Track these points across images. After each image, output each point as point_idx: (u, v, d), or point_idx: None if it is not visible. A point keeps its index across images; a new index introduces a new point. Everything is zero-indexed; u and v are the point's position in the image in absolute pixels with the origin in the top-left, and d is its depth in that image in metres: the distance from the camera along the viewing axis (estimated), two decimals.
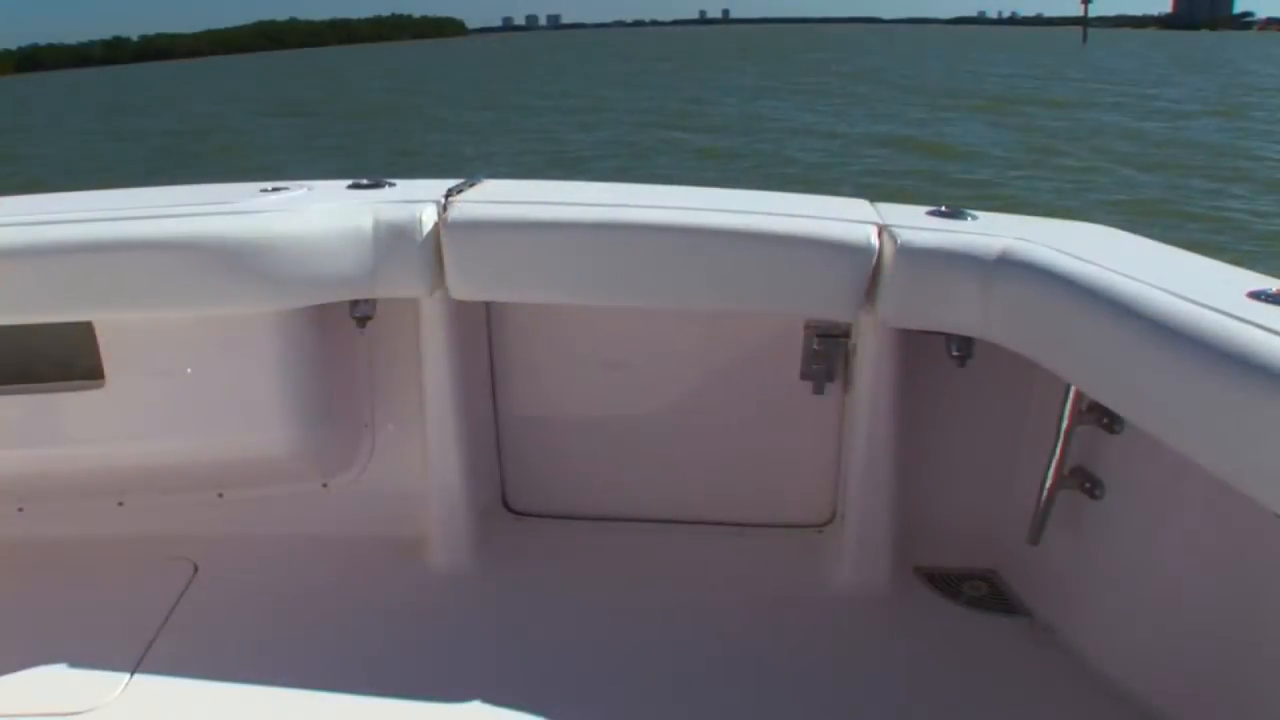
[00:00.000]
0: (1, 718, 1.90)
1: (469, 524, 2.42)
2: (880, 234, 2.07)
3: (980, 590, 2.28)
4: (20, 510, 2.54)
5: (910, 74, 47.52)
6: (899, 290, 2.04)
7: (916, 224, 2.11)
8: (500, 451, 2.60)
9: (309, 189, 2.42)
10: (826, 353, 2.37)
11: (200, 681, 1.99)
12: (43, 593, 2.35)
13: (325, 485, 2.54)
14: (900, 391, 2.25)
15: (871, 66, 50.50)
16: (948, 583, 2.30)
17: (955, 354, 2.13)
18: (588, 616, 2.21)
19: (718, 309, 2.33)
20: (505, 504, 2.61)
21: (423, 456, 2.41)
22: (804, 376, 2.42)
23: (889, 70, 51.13)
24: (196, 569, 2.38)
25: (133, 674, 2.02)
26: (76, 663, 2.05)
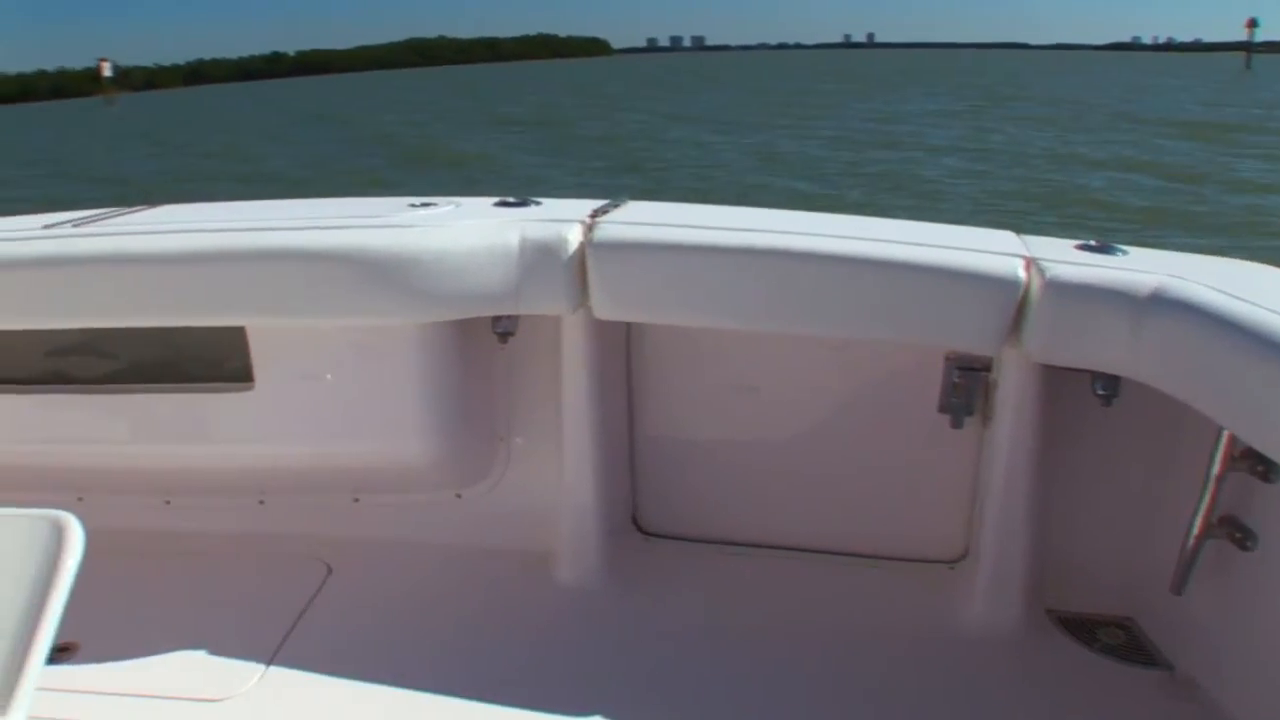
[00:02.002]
0: (146, 698, 2.00)
1: (599, 541, 2.44)
2: (1028, 267, 2.03)
3: (1117, 638, 2.20)
4: (167, 503, 2.68)
5: (1104, 100, 45.32)
6: (1045, 325, 2.00)
7: (1065, 258, 2.06)
8: (633, 471, 2.61)
9: (456, 205, 2.49)
10: (967, 386, 2.33)
11: (330, 678, 2.06)
12: (187, 582, 2.46)
13: (459, 496, 2.59)
14: (1041, 428, 2.20)
15: (1070, 97, 47.92)
16: (1082, 628, 2.23)
17: (1100, 392, 2.08)
18: (713, 641, 2.20)
19: (858, 337, 2.32)
20: (635, 523, 2.62)
21: (557, 472, 2.45)
22: (942, 409, 2.37)
23: (1086, 96, 48.62)
24: (330, 569, 2.47)
25: (268, 666, 2.10)
26: (216, 651, 2.15)
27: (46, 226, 2.60)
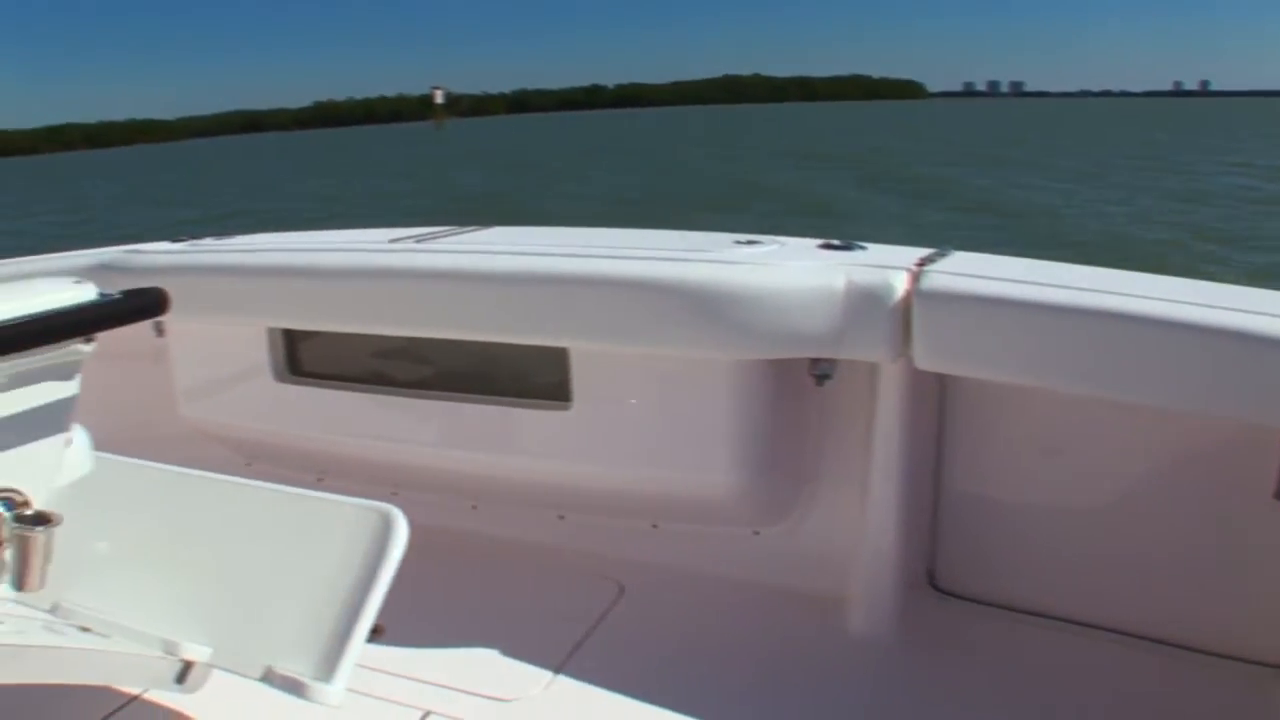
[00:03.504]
0: (442, 688, 2.11)
1: (895, 594, 2.37)
2: None
3: None
4: (474, 507, 2.82)
5: None
6: None
7: None
8: (935, 526, 2.53)
9: (781, 245, 2.49)
10: None
11: (613, 695, 2.09)
12: (485, 584, 2.57)
13: (756, 533, 2.58)
14: None
15: None
16: None
17: None
18: (1002, 713, 2.10)
19: (1186, 408, 2.16)
20: (931, 580, 2.54)
21: (858, 519, 2.40)
22: (1277, 495, 2.17)
23: None
24: (622, 590, 2.50)
25: (556, 674, 2.16)
26: (509, 653, 2.24)
27: (391, 241, 2.81)
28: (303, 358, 2.95)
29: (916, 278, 2.18)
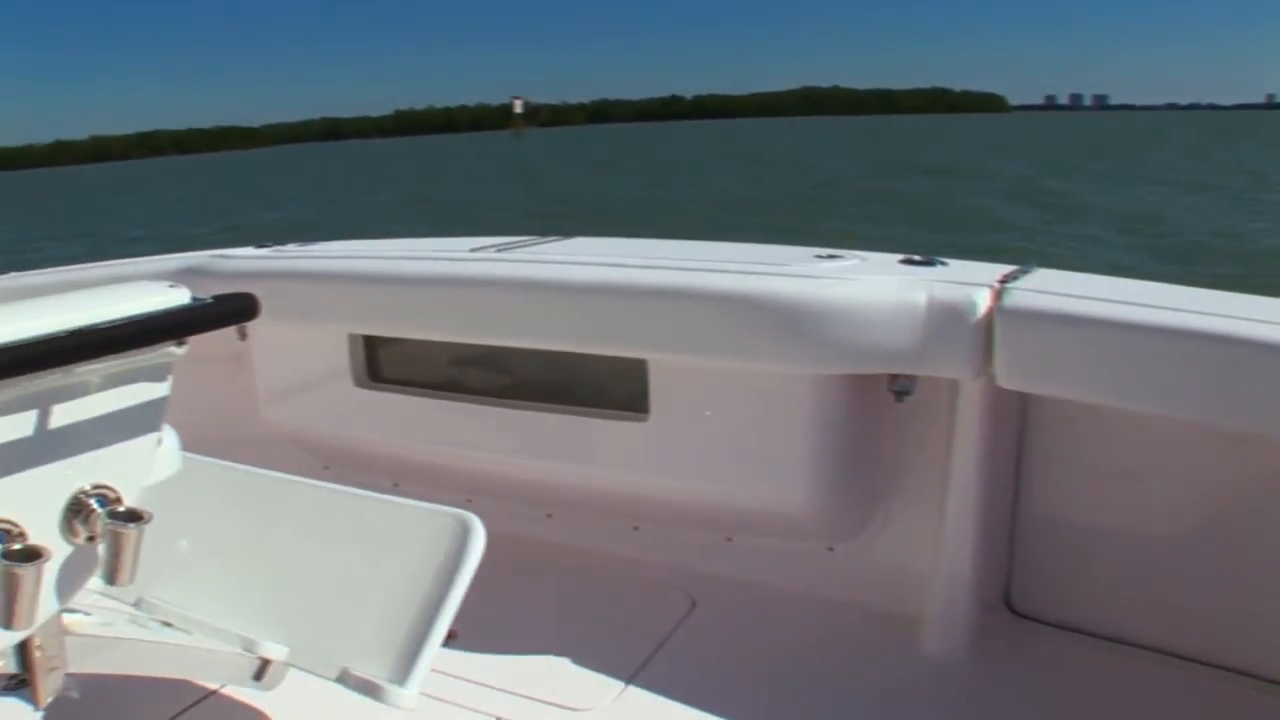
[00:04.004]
0: (514, 696, 2.12)
1: (970, 615, 2.33)
2: None
3: None
4: (549, 516, 2.83)
5: None
6: None
7: None
8: (1012, 547, 2.49)
9: (862, 259, 2.48)
10: None
11: (684, 707, 2.09)
12: (558, 593, 2.58)
13: (831, 549, 2.56)
14: None
15: None
16: None
17: None
18: None
19: (1271, 432, 2.10)
20: (1008, 602, 2.49)
21: (935, 538, 2.37)
22: None
23: None
24: (695, 603, 2.50)
25: (627, 684, 2.16)
26: (580, 662, 2.24)
27: (473, 250, 2.84)
28: (382, 364, 3.00)
29: (999, 294, 2.15)
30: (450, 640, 1.72)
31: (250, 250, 3.16)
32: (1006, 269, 2.36)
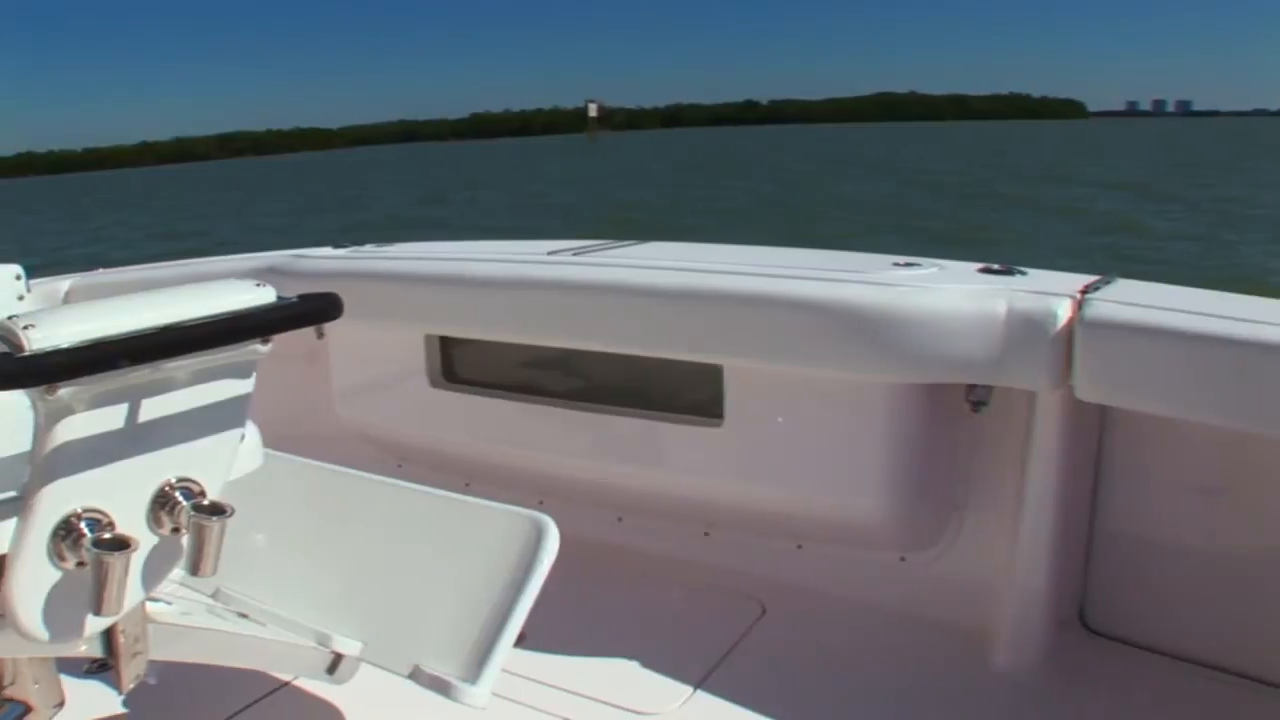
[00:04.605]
0: (583, 698, 2.14)
1: (1044, 632, 2.30)
2: None
3: None
4: (619, 520, 2.84)
5: None
6: None
7: None
8: (1088, 563, 2.45)
9: (940, 268, 2.46)
10: None
11: (750, 714, 2.09)
12: (628, 597, 2.59)
13: (903, 559, 2.54)
14: None
15: None
16: None
17: None
18: None
19: None
20: (1082, 619, 2.45)
21: (1008, 551, 2.34)
22: None
23: None
24: (764, 610, 2.50)
25: (695, 690, 2.17)
26: (649, 666, 2.26)
27: (550, 253, 2.86)
28: (457, 365, 3.03)
29: (1080, 305, 2.12)
30: (520, 641, 1.73)
31: (328, 250, 3.22)
32: (1088, 279, 2.33)
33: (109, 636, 1.57)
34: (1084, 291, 2.20)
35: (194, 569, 1.42)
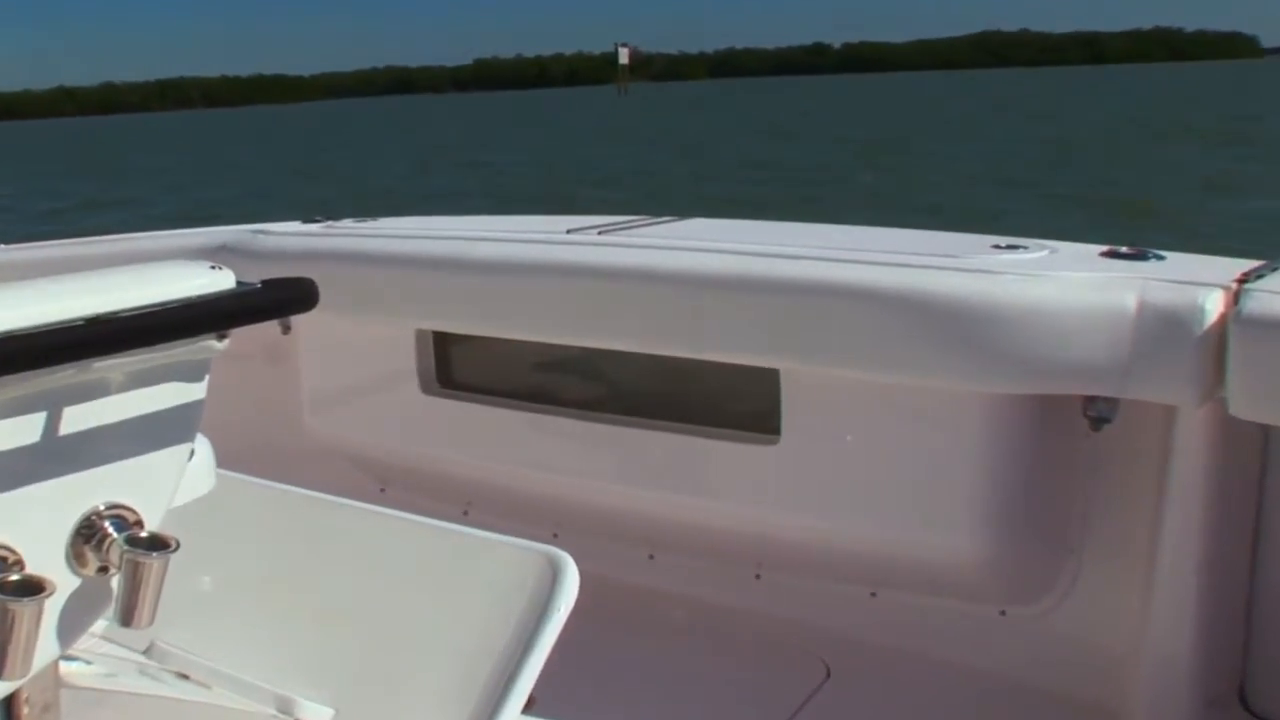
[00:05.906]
0: None
1: (1191, 712, 2.29)
2: None
3: None
4: (651, 558, 2.84)
5: None
6: None
7: None
8: (1249, 625, 2.43)
9: (1051, 251, 2.46)
10: None
11: None
12: (663, 654, 2.60)
13: (1003, 613, 2.54)
14: None
15: None
16: None
17: None
18: None
19: None
20: (1243, 699, 2.43)
21: (1142, 609, 2.33)
22: None
23: None
24: (829, 673, 2.51)
25: None
26: None
27: (570, 231, 2.87)
28: (456, 367, 3.05)
29: (1236, 297, 2.12)
30: (530, 708, 1.74)
31: (296, 226, 3.24)
32: (1246, 265, 2.32)
33: (10, 706, 1.56)
34: (1241, 280, 2.18)
35: (125, 618, 1.40)
